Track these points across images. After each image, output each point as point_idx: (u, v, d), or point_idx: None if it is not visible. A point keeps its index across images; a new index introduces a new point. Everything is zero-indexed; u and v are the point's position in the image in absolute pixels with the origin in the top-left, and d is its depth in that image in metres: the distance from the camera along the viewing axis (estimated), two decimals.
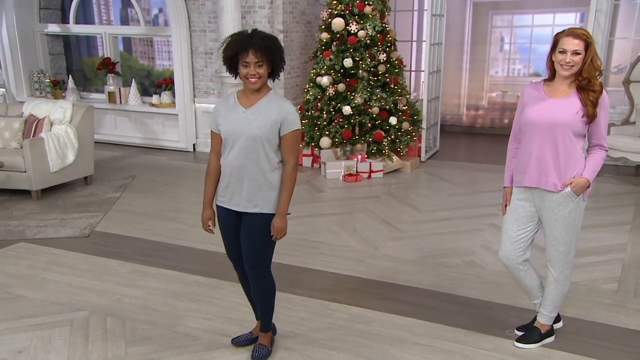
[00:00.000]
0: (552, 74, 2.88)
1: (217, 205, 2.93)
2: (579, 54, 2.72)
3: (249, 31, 2.74)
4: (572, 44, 2.71)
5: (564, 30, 2.78)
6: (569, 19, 9.35)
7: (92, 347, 3.19)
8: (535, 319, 3.26)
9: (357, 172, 6.81)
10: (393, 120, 7.03)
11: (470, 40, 9.81)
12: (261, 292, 3.00)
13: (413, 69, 9.03)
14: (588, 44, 2.72)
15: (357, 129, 7.04)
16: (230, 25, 6.69)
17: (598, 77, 2.78)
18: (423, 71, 7.62)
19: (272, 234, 2.82)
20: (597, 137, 2.89)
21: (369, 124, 7.01)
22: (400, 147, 7.11)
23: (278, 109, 2.75)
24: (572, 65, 2.74)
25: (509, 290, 3.82)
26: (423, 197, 6.21)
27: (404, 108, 7.21)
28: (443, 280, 4.03)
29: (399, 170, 7.12)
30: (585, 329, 3.37)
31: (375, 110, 6.96)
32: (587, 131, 2.88)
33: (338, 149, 7.08)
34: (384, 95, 7.01)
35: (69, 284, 3.97)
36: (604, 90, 2.81)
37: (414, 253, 4.54)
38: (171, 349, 3.18)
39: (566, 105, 2.81)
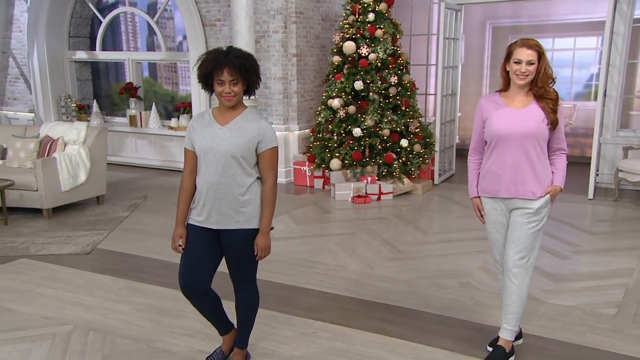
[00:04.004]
0: (506, 85, 2.93)
1: (192, 225, 2.82)
2: (532, 63, 2.79)
3: (225, 48, 2.76)
4: (526, 54, 2.78)
5: (516, 42, 2.85)
6: (590, 43, 9.17)
7: None
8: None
9: (366, 194, 6.75)
10: (404, 142, 6.97)
11: (489, 64, 9.72)
12: (246, 301, 2.95)
13: (431, 92, 8.98)
14: (540, 54, 2.80)
15: (367, 151, 7.01)
16: (244, 50, 6.78)
17: (551, 85, 2.85)
18: (434, 94, 7.55)
19: (255, 253, 2.78)
20: (559, 142, 2.93)
21: (380, 146, 6.97)
22: (411, 170, 7.03)
23: (256, 127, 2.73)
24: (527, 75, 2.81)
25: (500, 312, 3.66)
26: (430, 219, 6.10)
27: (416, 130, 7.15)
28: (434, 301, 3.92)
29: (410, 192, 7.02)
30: (575, 354, 3.20)
31: (386, 132, 6.93)
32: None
33: (348, 171, 7.05)
34: (395, 117, 6.97)
35: (60, 299, 4.01)
36: (559, 97, 2.87)
37: (410, 274, 4.44)
38: None
39: (531, 115, 2.85)
